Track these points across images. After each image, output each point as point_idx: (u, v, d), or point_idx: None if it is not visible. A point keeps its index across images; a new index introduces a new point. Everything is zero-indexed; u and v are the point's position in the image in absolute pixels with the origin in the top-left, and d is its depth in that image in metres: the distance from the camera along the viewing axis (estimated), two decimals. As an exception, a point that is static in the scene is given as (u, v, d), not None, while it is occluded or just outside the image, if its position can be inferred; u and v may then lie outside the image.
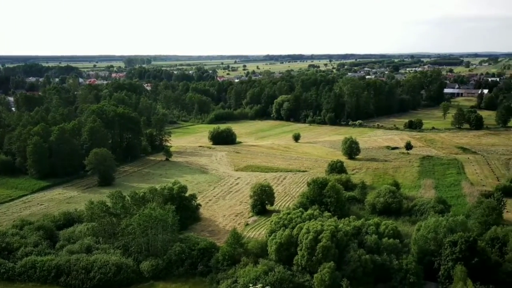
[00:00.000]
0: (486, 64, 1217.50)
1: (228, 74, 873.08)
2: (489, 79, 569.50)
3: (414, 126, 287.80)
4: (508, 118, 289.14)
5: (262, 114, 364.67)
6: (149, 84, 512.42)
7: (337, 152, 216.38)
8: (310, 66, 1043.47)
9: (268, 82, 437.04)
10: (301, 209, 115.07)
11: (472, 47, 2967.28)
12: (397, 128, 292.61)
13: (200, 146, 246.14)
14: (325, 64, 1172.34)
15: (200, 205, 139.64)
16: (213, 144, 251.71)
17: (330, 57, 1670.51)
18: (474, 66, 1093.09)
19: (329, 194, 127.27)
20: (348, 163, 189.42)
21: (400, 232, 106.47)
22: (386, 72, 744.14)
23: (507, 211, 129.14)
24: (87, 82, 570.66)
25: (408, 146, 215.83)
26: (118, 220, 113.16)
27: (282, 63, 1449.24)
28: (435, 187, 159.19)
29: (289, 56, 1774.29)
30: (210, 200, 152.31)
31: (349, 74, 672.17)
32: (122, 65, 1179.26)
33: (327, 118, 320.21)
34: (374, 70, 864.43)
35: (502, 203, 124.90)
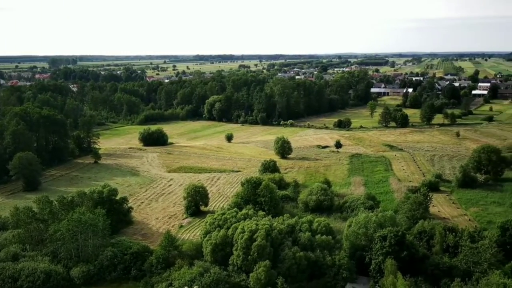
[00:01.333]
0: (410, 64, 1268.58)
1: (157, 74, 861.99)
2: (413, 79, 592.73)
3: (343, 125, 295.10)
4: (432, 116, 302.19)
5: (194, 115, 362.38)
6: (75, 85, 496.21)
7: (270, 151, 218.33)
8: (240, 66, 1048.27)
9: (199, 82, 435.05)
10: (235, 209, 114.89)
11: (397, 47, 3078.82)
12: (327, 127, 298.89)
13: (131, 148, 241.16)
14: (255, 65, 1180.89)
15: (131, 208, 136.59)
16: (144, 145, 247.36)
17: (260, 57, 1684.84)
18: (399, 66, 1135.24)
19: (263, 194, 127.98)
20: (280, 162, 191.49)
21: (332, 229, 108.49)
22: (315, 73, 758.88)
23: (433, 205, 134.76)
24: (9, 84, 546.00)
25: (338, 145, 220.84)
26: (46, 226, 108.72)
27: (213, 63, 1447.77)
28: (364, 184, 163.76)
29: (219, 56, 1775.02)
30: (142, 202, 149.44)
31: (279, 74, 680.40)
32: (46, 65, 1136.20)
33: (259, 118, 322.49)
34: (303, 70, 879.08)
35: (428, 198, 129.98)
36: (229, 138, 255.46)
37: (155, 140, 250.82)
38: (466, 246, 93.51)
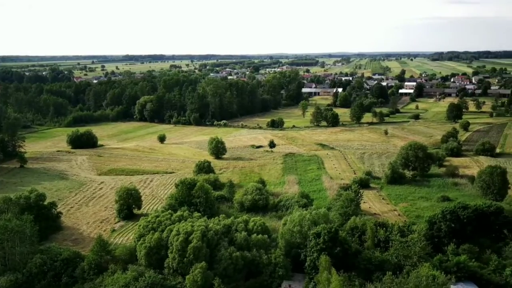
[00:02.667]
0: (340, 64, 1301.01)
1: (85, 74, 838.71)
2: (343, 79, 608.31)
3: (276, 125, 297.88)
4: (361, 114, 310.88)
5: (125, 116, 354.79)
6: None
7: (204, 152, 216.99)
8: (172, 66, 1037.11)
9: (129, 83, 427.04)
10: (170, 211, 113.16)
11: (327, 48, 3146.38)
12: (260, 127, 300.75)
13: (59, 151, 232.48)
14: (187, 65, 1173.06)
15: (61, 213, 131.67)
16: (73, 148, 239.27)
17: (191, 57, 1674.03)
18: (329, 66, 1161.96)
19: (198, 195, 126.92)
20: (215, 163, 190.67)
21: (268, 228, 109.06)
22: (247, 73, 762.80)
23: (364, 202, 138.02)
24: None
25: (272, 144, 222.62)
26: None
27: (143, 63, 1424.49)
28: (298, 183, 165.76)
29: (149, 56, 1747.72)
30: (72, 207, 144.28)
31: (211, 74, 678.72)
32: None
33: (192, 119, 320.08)
34: (235, 70, 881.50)
35: (359, 195, 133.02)
36: (162, 139, 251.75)
37: (84, 142, 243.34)
38: (396, 240, 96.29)
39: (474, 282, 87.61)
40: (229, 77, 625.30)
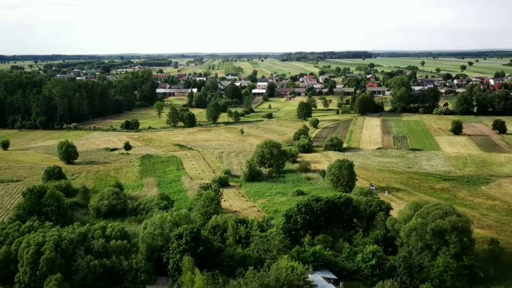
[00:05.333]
0: (193, 64, 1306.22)
1: None
2: (197, 79, 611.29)
3: (131, 126, 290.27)
4: (217, 114, 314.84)
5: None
6: None
7: (54, 157, 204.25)
8: (13, 67, 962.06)
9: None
10: (18, 222, 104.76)
11: (180, 48, 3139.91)
12: (114, 129, 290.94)
13: None
14: (30, 65, 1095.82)
15: None
16: None
17: (35, 58, 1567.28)
18: (182, 66, 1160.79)
19: (49, 203, 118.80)
20: (66, 168, 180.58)
21: (127, 233, 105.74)
22: (97, 73, 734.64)
23: (224, 200, 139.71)
24: None
25: (127, 147, 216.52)
26: None
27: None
28: (157, 185, 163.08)
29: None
30: None
31: (58, 75, 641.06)
32: None
33: (39, 122, 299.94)
34: (84, 71, 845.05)
35: (219, 193, 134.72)
36: (5, 145, 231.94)
37: None
38: (257, 235, 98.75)
39: (330, 269, 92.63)
40: (78, 78, 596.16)
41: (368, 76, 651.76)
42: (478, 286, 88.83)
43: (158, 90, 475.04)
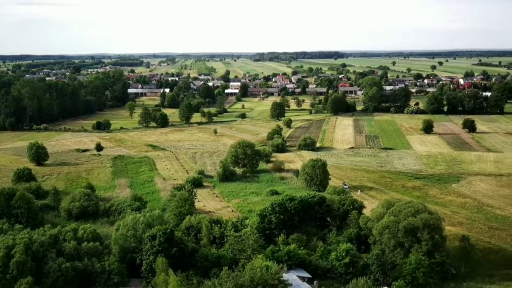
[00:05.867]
0: (165, 64, 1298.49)
1: None
2: (169, 79, 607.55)
3: (102, 127, 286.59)
4: (190, 115, 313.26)
5: None
6: None
7: (23, 159, 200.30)
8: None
9: None
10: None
11: (152, 48, 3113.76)
12: (85, 130, 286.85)
13: None
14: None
15: None
16: None
17: (3, 58, 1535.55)
18: (154, 66, 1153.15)
19: (19, 205, 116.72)
20: (37, 170, 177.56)
21: (100, 235, 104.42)
22: (68, 74, 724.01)
23: (198, 201, 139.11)
24: None
25: (99, 148, 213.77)
26: None
27: None
28: (130, 186, 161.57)
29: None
30: None
31: (27, 76, 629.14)
32: None
33: (8, 123, 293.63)
34: (54, 71, 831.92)
35: (193, 194, 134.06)
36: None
37: None
38: (231, 235, 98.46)
39: (304, 268, 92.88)
40: (48, 78, 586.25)
41: (340, 76, 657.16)
42: (450, 283, 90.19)
43: (130, 90, 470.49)
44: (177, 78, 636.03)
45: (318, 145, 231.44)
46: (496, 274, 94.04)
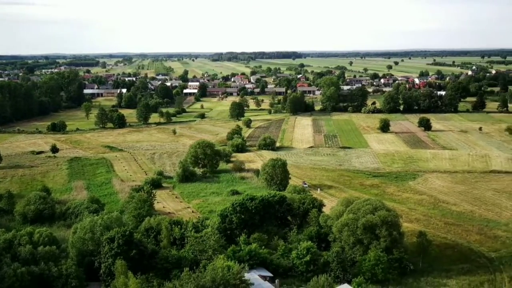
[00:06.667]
0: (122, 64, 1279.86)
1: None
2: (126, 79, 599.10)
3: (58, 128, 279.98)
4: (148, 115, 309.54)
5: None
6: None
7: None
8: None
9: None
10: None
11: (108, 48, 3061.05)
12: (40, 132, 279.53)
13: None
14: None
15: None
16: None
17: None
18: (111, 66, 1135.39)
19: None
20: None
21: (56, 238, 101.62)
22: (20, 74, 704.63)
23: (157, 202, 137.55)
24: None
25: (54, 149, 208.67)
26: None
27: None
28: (87, 188, 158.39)
29: None
30: None
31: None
32: None
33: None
34: (6, 72, 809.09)
35: (152, 195, 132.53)
36: None
37: None
38: (192, 236, 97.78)
39: (266, 267, 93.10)
40: (0, 79, 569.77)
41: (298, 76, 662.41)
42: (408, 278, 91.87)
43: (86, 91, 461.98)
44: (134, 78, 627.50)
45: (278, 144, 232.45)
46: (452, 268, 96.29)
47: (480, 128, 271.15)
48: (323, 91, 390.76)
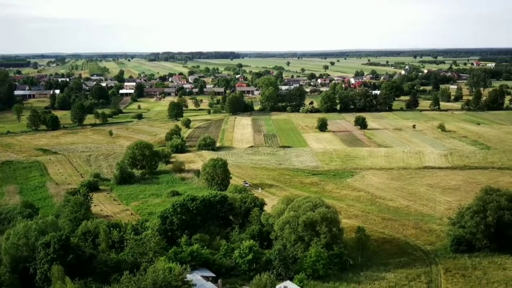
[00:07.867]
0: (54, 65, 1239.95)
1: None
2: (59, 80, 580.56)
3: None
4: (83, 116, 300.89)
5: None
6: None
7: None
8: None
9: None
10: None
11: (38, 48, 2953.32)
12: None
13: None
14: None
15: None
16: None
17: None
18: (43, 67, 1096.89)
19: None
20: None
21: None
22: None
23: (95, 205, 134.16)
24: None
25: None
26: None
27: None
28: (19, 192, 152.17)
29: None
30: None
31: None
32: None
33: None
34: None
35: (89, 198, 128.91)
36: None
37: None
38: (131, 239, 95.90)
39: (208, 267, 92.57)
40: None
41: (237, 76, 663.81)
42: (348, 273, 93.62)
43: (17, 92, 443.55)
44: (67, 79, 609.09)
45: (218, 144, 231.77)
46: (390, 262, 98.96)
47: (414, 126, 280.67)
48: (262, 91, 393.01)
